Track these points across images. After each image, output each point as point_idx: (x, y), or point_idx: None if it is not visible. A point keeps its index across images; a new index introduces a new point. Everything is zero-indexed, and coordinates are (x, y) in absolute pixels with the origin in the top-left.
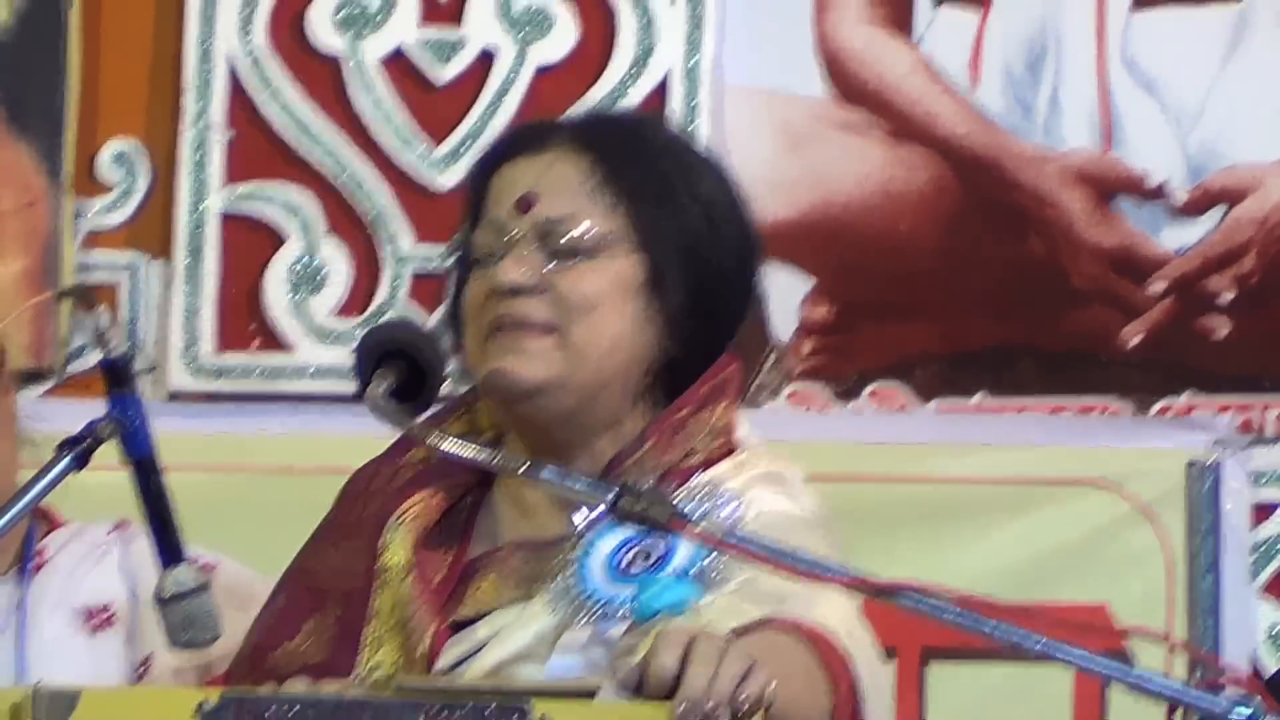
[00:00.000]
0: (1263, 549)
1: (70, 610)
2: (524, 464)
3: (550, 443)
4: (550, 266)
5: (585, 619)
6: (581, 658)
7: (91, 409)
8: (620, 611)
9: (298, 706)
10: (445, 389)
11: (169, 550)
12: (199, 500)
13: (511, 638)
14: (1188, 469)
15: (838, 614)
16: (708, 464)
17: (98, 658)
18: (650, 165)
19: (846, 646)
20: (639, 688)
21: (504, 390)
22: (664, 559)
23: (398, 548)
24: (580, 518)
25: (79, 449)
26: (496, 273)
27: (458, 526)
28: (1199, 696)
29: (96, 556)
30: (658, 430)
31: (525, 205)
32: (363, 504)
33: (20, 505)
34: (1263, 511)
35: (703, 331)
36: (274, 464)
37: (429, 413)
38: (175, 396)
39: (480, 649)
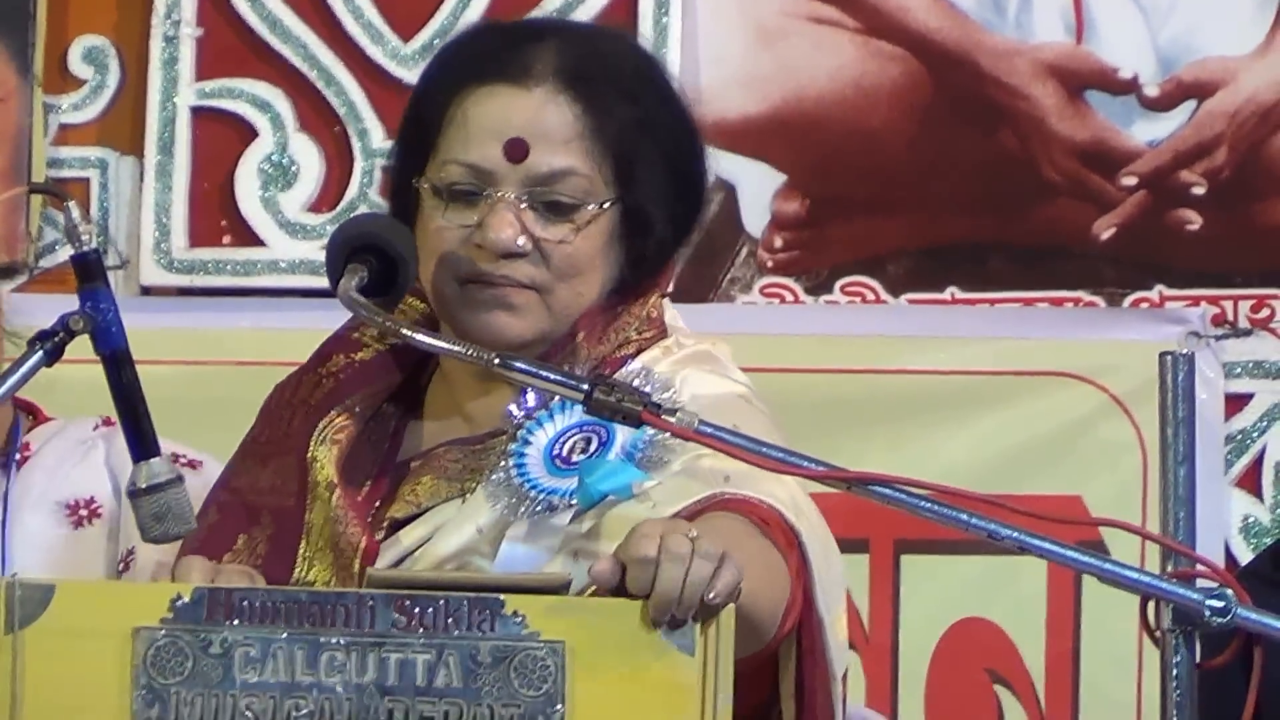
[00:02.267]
0: (1236, 440)
1: (54, 503)
2: (495, 357)
3: None
4: (540, 226)
5: (527, 511)
6: (533, 546)
7: (63, 304)
8: (564, 502)
9: (270, 600)
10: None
11: (142, 444)
12: (171, 394)
13: (453, 534)
14: (1161, 360)
15: (783, 488)
16: (639, 352)
17: (80, 551)
18: (631, 109)
19: (794, 520)
20: (618, 588)
21: (490, 343)
22: (603, 446)
23: (324, 463)
24: (518, 409)
25: (50, 343)
26: (489, 230)
27: (385, 433)
28: (1172, 588)
29: (82, 452)
30: (588, 323)
31: (517, 155)
32: (288, 418)
33: None
34: (1235, 403)
35: (664, 254)
36: (245, 358)
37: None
38: (147, 291)
39: (420, 546)
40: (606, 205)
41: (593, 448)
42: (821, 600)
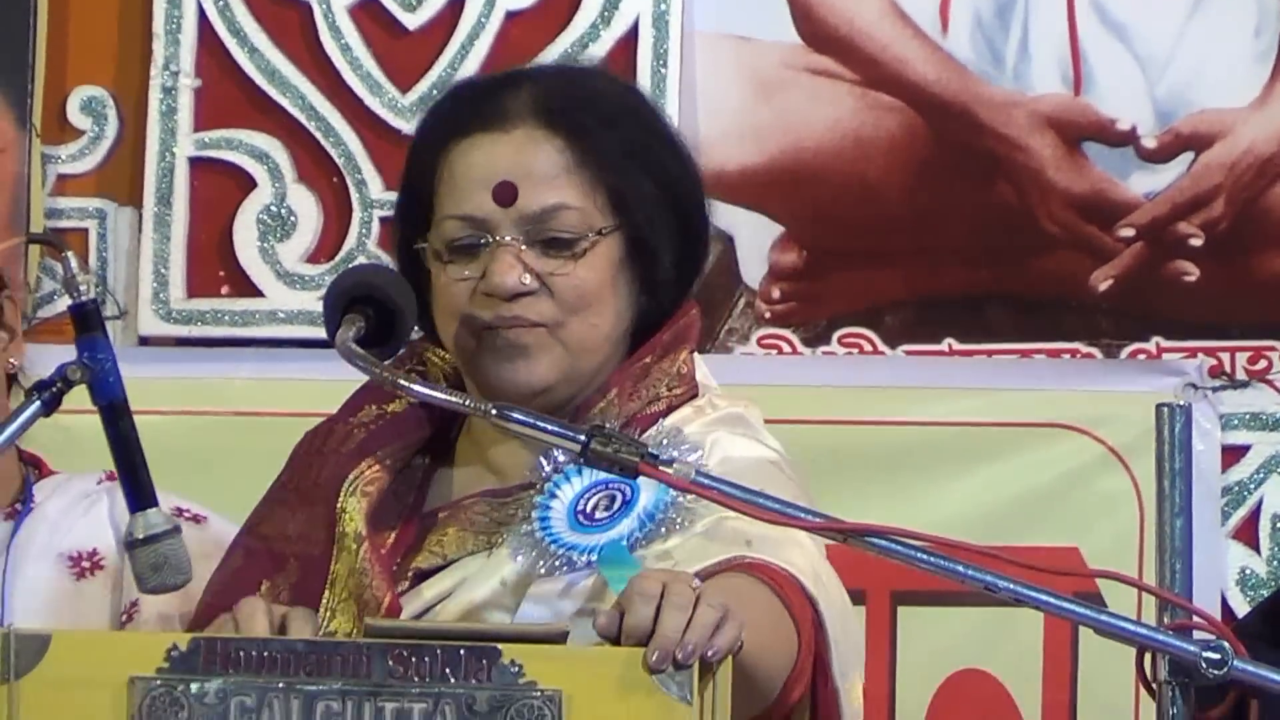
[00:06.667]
0: (1233, 492)
1: (57, 555)
2: (492, 408)
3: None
4: (543, 263)
5: (548, 567)
6: (549, 609)
7: (61, 354)
8: (584, 559)
9: (267, 650)
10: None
11: (139, 495)
12: (168, 445)
13: (476, 586)
14: (1158, 412)
15: (804, 556)
16: (670, 410)
17: (82, 603)
18: (616, 133)
19: (813, 589)
20: (616, 637)
21: (512, 391)
22: (627, 504)
23: (353, 515)
24: (547, 462)
25: (48, 393)
26: (492, 276)
27: (413, 485)
28: (1169, 639)
29: (86, 505)
30: (620, 379)
31: (507, 198)
32: (318, 467)
33: None
34: (1232, 454)
35: (679, 285)
36: (243, 408)
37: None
38: (145, 342)
39: (444, 599)
40: (605, 232)
41: (616, 505)
42: (837, 669)
